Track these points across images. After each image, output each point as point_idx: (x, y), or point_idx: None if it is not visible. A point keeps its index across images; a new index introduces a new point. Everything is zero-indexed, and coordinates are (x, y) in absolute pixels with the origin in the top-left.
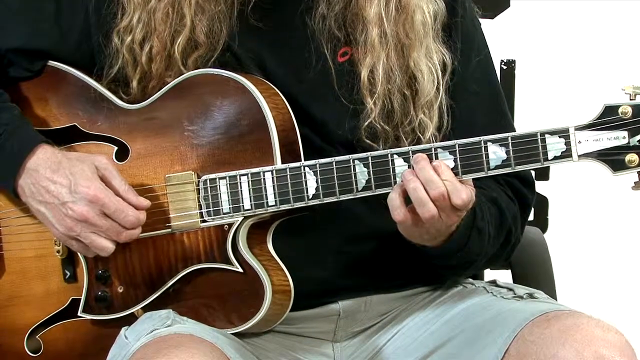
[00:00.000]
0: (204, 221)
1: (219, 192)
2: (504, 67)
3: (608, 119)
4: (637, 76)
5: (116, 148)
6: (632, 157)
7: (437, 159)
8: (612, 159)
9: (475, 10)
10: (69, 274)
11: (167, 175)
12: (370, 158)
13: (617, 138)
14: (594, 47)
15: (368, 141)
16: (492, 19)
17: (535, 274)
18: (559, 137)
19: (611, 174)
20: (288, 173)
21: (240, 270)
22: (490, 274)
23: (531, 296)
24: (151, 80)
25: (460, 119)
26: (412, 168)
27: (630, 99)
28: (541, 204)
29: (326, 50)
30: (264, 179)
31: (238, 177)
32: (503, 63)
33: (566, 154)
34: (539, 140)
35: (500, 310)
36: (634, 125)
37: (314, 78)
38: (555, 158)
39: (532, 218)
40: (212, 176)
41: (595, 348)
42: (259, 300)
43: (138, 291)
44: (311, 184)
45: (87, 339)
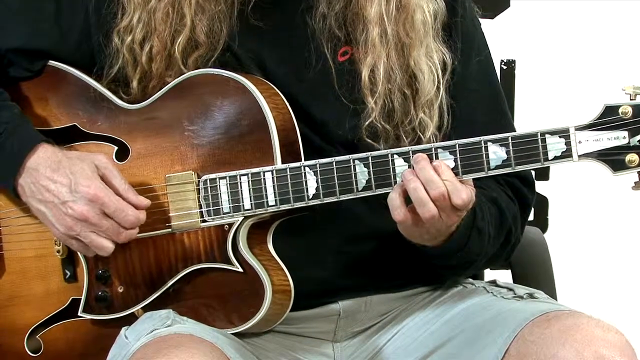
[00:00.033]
0: (204, 221)
1: (219, 192)
2: (504, 67)
3: (608, 119)
4: (638, 76)
5: (116, 148)
6: (632, 157)
7: (438, 158)
8: (612, 159)
9: (475, 10)
10: (69, 273)
11: (167, 175)
12: (370, 158)
13: (617, 138)
14: (594, 47)
15: (369, 140)
16: (492, 19)
17: (535, 274)
18: (559, 137)
19: (611, 174)
20: (288, 173)
21: (241, 270)
22: (490, 274)
23: (531, 296)
24: (151, 80)
25: (460, 118)
26: (412, 168)
27: (631, 99)
28: (541, 204)
29: (326, 49)
30: (264, 179)
31: (238, 177)
32: (503, 63)
33: (566, 154)
34: (539, 140)
35: (500, 310)
36: (634, 125)
37: (314, 77)
38: (556, 158)
39: (532, 218)
40: (212, 176)
41: (595, 348)
42: (259, 300)
43: (138, 291)
44: (311, 184)
45: (87, 339)
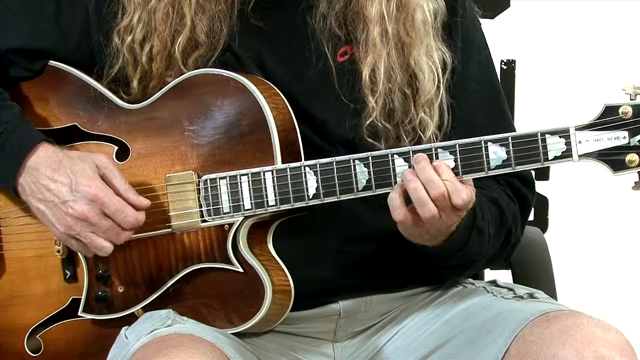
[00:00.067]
0: (204, 221)
1: (219, 192)
2: (504, 67)
3: (608, 119)
4: (638, 76)
5: (116, 148)
6: (632, 157)
7: (438, 158)
8: (613, 159)
9: (475, 10)
10: (69, 273)
11: (167, 175)
12: (370, 158)
13: (618, 138)
14: (594, 47)
15: (369, 140)
16: (492, 19)
17: (535, 274)
18: (559, 137)
19: (611, 174)
20: (288, 173)
21: (241, 270)
22: (490, 274)
23: (531, 296)
24: (151, 80)
25: (460, 118)
26: (412, 168)
27: (631, 99)
28: (541, 204)
29: (326, 49)
30: (264, 179)
31: (238, 177)
32: (503, 63)
33: (566, 154)
34: (539, 140)
35: (500, 310)
36: (634, 125)
37: (314, 77)
38: (556, 158)
39: (532, 218)
40: (213, 176)
41: (595, 348)
42: (259, 300)
43: (138, 291)
44: (311, 183)
45: (88, 339)
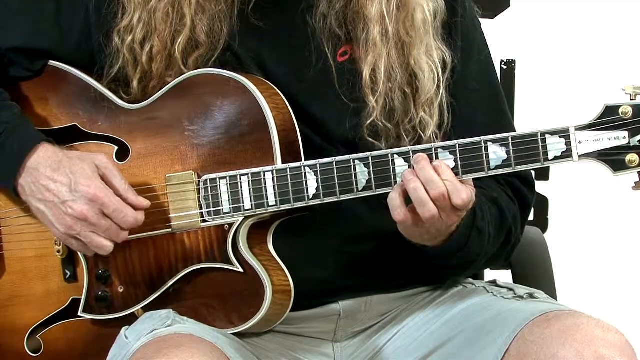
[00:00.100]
0: (205, 221)
1: (219, 192)
2: (504, 67)
3: (608, 119)
4: (638, 76)
5: (117, 148)
6: (632, 157)
7: (438, 159)
8: (613, 159)
9: (475, 10)
10: (69, 273)
11: (167, 175)
12: (370, 158)
13: (618, 138)
14: (594, 47)
15: (370, 139)
16: (492, 19)
17: (535, 274)
18: (560, 137)
19: (611, 174)
20: (288, 173)
21: (241, 270)
22: (490, 274)
23: (531, 296)
24: (152, 80)
25: (460, 118)
26: (412, 168)
27: (631, 99)
28: (541, 204)
29: (327, 48)
30: (265, 179)
31: (238, 177)
32: (503, 63)
33: (566, 154)
34: (540, 140)
35: (500, 310)
36: (634, 126)
37: (314, 77)
38: (556, 158)
39: (532, 218)
40: (213, 176)
41: (595, 348)
42: (259, 300)
43: (138, 291)
44: (311, 184)
45: (88, 339)
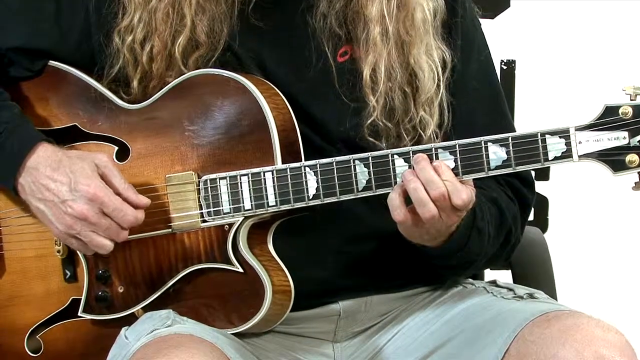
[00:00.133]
0: (205, 221)
1: (219, 192)
2: (504, 67)
3: (608, 119)
4: (638, 76)
5: (117, 148)
6: (632, 157)
7: (438, 159)
8: (613, 159)
9: (475, 10)
10: (69, 273)
11: (167, 175)
12: (370, 158)
13: (618, 138)
14: (594, 47)
15: (370, 139)
16: (492, 19)
17: (535, 274)
18: (560, 137)
19: (611, 175)
20: (288, 173)
21: (241, 270)
22: (490, 274)
23: (531, 296)
24: (152, 80)
25: (460, 119)
26: (412, 168)
27: (631, 100)
28: (541, 204)
29: (327, 48)
30: (265, 179)
31: (238, 177)
32: (503, 63)
33: (566, 154)
34: (540, 140)
35: (500, 311)
36: (634, 126)
37: (315, 77)
38: (556, 158)
39: (532, 218)
40: (213, 176)
41: (595, 348)
42: (259, 300)
43: (138, 291)
44: (312, 184)
45: (88, 339)
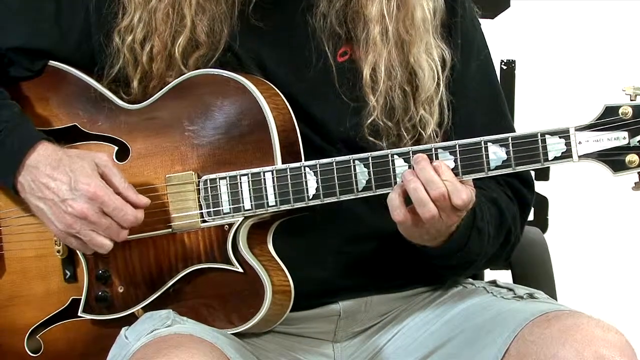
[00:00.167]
0: (204, 221)
1: (219, 192)
2: (504, 67)
3: (608, 119)
4: (638, 76)
5: (117, 148)
6: (632, 157)
7: (438, 159)
8: (613, 159)
9: (475, 10)
10: (69, 273)
11: (167, 175)
12: (370, 158)
13: (618, 139)
14: (594, 47)
15: (371, 138)
16: (492, 19)
17: (535, 274)
18: (559, 137)
19: (611, 175)
20: (288, 173)
21: (241, 270)
22: (490, 274)
23: (531, 296)
24: (152, 80)
25: (459, 119)
26: (412, 168)
27: (631, 100)
28: (541, 204)
29: (327, 48)
30: (264, 179)
31: (238, 177)
32: (503, 63)
33: (566, 155)
34: (539, 140)
35: (500, 311)
36: (634, 126)
37: (315, 77)
38: (556, 158)
39: (532, 218)
40: (213, 176)
41: (595, 348)
42: (259, 300)
43: (138, 291)
44: (311, 184)
45: (88, 339)
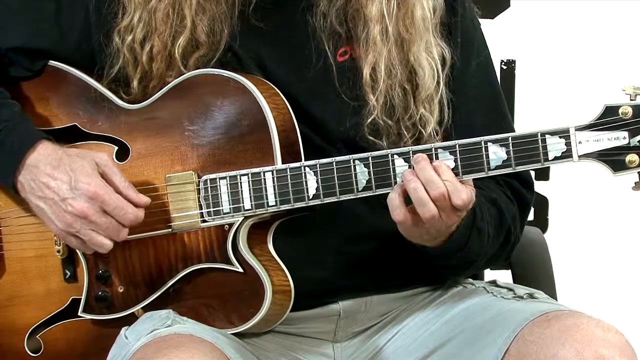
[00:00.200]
0: (205, 221)
1: (219, 192)
2: (504, 67)
3: (608, 119)
4: (638, 76)
5: (117, 148)
6: (632, 157)
7: (438, 159)
8: (613, 159)
9: (475, 10)
10: (69, 273)
11: (167, 175)
12: (370, 158)
13: (618, 138)
14: (594, 47)
15: (371, 138)
16: (492, 19)
17: (535, 274)
18: (560, 137)
19: (611, 175)
20: (288, 173)
21: (241, 270)
22: (490, 274)
23: (531, 296)
24: (152, 80)
25: (459, 119)
26: (412, 168)
27: (631, 99)
28: (541, 204)
29: (327, 47)
30: (265, 179)
31: (238, 177)
32: (503, 63)
33: (566, 154)
34: (540, 140)
35: (500, 311)
36: (634, 126)
37: (315, 76)
38: (556, 158)
39: (532, 218)
40: (213, 176)
41: (595, 348)
42: (259, 300)
43: (138, 291)
44: (311, 184)
45: (88, 339)
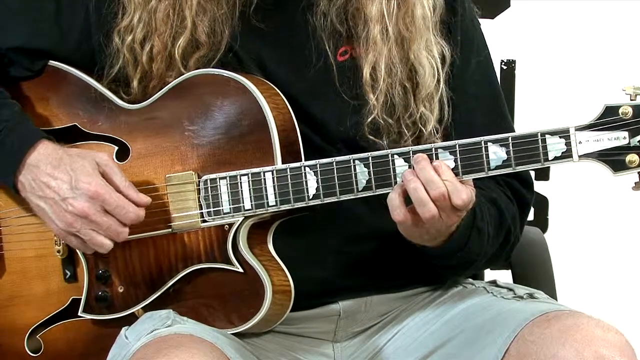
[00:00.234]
0: (205, 221)
1: (219, 192)
2: (504, 67)
3: (609, 119)
4: (638, 76)
5: (117, 148)
6: (632, 157)
7: (438, 159)
8: (613, 159)
9: (475, 10)
10: (69, 273)
11: (167, 175)
12: (370, 158)
13: (618, 138)
14: (594, 47)
15: (371, 137)
16: (492, 19)
17: (535, 274)
18: (560, 137)
19: (611, 175)
20: (288, 173)
21: (241, 270)
22: (490, 274)
23: (531, 296)
24: (152, 80)
25: (459, 119)
26: (412, 168)
27: (631, 99)
28: (541, 204)
29: (327, 47)
30: (265, 179)
31: (238, 177)
32: (503, 63)
33: (566, 154)
34: (540, 140)
35: (500, 311)
36: (634, 126)
37: (315, 76)
38: (556, 158)
39: (532, 218)
40: (213, 176)
41: (595, 348)
42: (259, 300)
43: (138, 291)
44: (312, 184)
45: (88, 339)
